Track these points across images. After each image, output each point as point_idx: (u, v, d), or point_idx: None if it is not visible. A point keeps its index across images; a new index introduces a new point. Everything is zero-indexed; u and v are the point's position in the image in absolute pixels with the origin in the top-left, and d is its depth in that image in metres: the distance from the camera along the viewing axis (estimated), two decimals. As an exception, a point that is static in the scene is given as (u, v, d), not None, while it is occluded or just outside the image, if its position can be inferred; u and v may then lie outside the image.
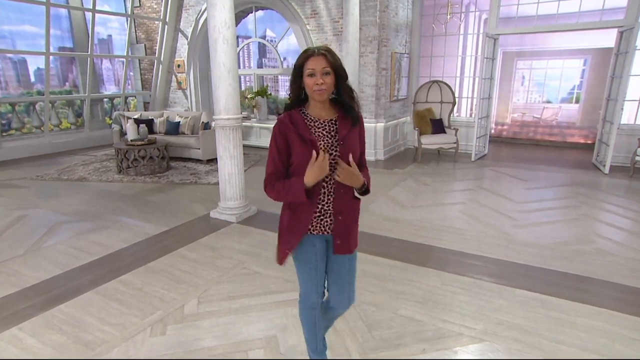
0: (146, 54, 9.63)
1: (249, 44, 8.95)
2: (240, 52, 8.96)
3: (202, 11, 8.52)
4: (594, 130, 8.70)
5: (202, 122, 7.28)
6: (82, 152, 8.07)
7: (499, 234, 3.93)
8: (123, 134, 7.26)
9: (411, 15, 7.73)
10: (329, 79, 1.56)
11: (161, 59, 9.31)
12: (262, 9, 8.27)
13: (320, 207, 1.67)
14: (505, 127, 11.33)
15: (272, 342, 2.33)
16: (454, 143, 6.94)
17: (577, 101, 13.01)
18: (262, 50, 10.26)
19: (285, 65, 8.56)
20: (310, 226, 1.69)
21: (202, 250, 3.59)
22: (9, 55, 8.81)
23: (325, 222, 1.70)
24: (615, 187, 5.49)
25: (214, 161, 6.83)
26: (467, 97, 9.66)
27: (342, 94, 1.63)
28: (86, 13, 8.80)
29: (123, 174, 6.23)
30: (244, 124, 8.02)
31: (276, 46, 8.32)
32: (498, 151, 8.17)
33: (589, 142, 8.71)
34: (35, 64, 9.28)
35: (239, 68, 8.67)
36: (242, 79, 9.27)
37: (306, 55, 1.56)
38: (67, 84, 10.06)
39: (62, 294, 2.86)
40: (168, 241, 3.78)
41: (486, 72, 7.01)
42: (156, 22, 9.25)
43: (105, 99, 9.52)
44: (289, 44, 8.47)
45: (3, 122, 7.81)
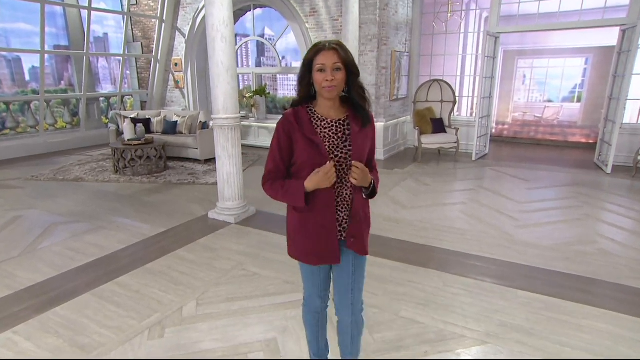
0: (143, 53, 9.57)
1: (247, 42, 8.89)
2: (239, 51, 8.90)
3: (199, 9, 8.46)
4: (596, 130, 8.69)
5: (200, 121, 7.24)
6: (78, 152, 8.00)
7: (501, 234, 3.90)
8: (120, 133, 7.20)
9: (411, 14, 7.69)
10: (340, 75, 1.47)
11: (158, 57, 9.25)
12: (261, 7, 8.21)
13: (335, 208, 1.60)
14: (506, 126, 11.29)
15: (272, 345, 2.30)
16: (455, 143, 6.91)
17: (578, 100, 12.94)
18: (261, 49, 10.21)
19: (283, 64, 8.52)
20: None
21: (200, 251, 3.56)
22: (3, 54, 8.72)
23: (338, 220, 1.62)
24: (618, 187, 5.47)
25: (211, 161, 6.80)
26: (468, 96, 9.62)
27: (352, 92, 1.54)
28: (82, 11, 8.71)
29: (120, 174, 6.18)
30: (242, 123, 7.96)
31: (275, 45, 8.27)
32: (499, 151, 8.14)
33: (591, 141, 8.68)
34: (30, 62, 9.22)
35: (237, 67, 8.61)
36: (240, 78, 9.21)
37: (316, 49, 1.48)
38: (62, 82, 9.98)
39: (58, 297, 2.82)
40: (166, 242, 3.74)
41: (487, 71, 6.99)
42: (153, 20, 9.17)
43: (102, 98, 9.45)
44: (288, 42, 8.42)
45: (-2, 121, 7.77)
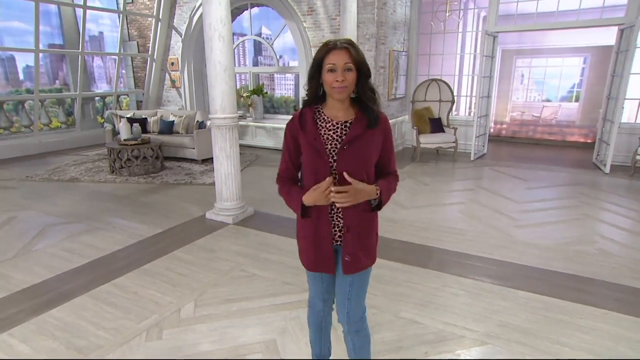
0: (139, 52, 9.50)
1: (244, 41, 8.85)
2: (236, 50, 8.86)
3: (196, 8, 8.41)
4: (594, 129, 8.69)
5: (197, 121, 7.19)
6: (73, 152, 7.93)
7: (500, 234, 3.90)
8: (116, 133, 7.14)
9: (409, 13, 7.68)
10: (351, 76, 1.42)
11: (154, 56, 9.18)
12: (258, 5, 8.17)
13: (330, 216, 1.56)
14: (504, 126, 11.28)
15: (271, 346, 2.29)
16: (453, 142, 6.91)
17: (576, 100, 12.95)
18: (258, 48, 10.15)
19: (281, 63, 8.48)
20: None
21: (198, 252, 3.53)
22: (-4, 53, 8.64)
23: (334, 231, 1.59)
24: (616, 187, 5.48)
25: (209, 161, 6.76)
26: (466, 96, 9.62)
27: (362, 93, 1.48)
28: (77, 9, 8.64)
29: (116, 175, 6.13)
30: (239, 123, 7.92)
31: (272, 44, 8.23)
32: (497, 150, 8.14)
33: (589, 141, 8.71)
34: (24, 61, 9.12)
35: (235, 66, 8.57)
36: (237, 77, 9.17)
37: (327, 48, 1.42)
38: (57, 82, 9.90)
39: (54, 298, 2.79)
40: (163, 243, 3.71)
41: (485, 70, 6.98)
42: (149, 19, 9.11)
43: (97, 98, 9.38)
44: (285, 41, 8.38)
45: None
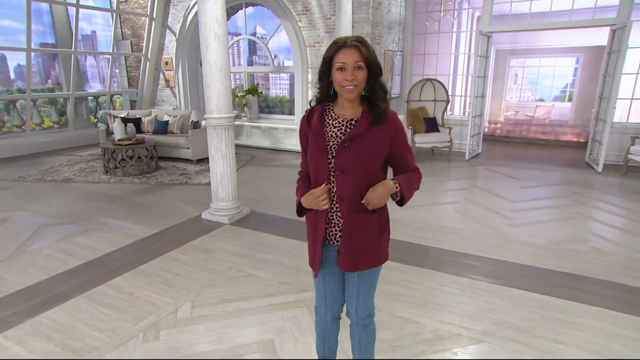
0: (132, 51, 9.43)
1: (238, 41, 8.82)
2: (230, 50, 8.80)
3: (190, 7, 8.37)
4: (587, 129, 8.77)
5: (192, 121, 7.16)
6: (67, 152, 7.85)
7: (495, 233, 3.93)
8: (109, 133, 7.08)
9: (404, 13, 7.70)
10: (362, 75, 1.38)
11: (148, 56, 9.12)
12: (252, 5, 8.15)
13: (328, 216, 1.55)
14: (498, 125, 11.34)
15: (269, 346, 2.28)
16: (448, 142, 6.95)
17: (569, 99, 13.06)
18: (253, 48, 10.12)
19: (276, 63, 8.47)
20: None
21: (194, 252, 3.51)
22: (-13, 52, 8.55)
23: (334, 231, 1.57)
24: (609, 186, 5.54)
25: (204, 161, 6.73)
26: (461, 95, 9.67)
27: (373, 92, 1.44)
28: (69, 8, 8.55)
29: (110, 175, 6.08)
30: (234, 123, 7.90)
31: (267, 43, 8.22)
32: (492, 150, 8.21)
33: (582, 140, 8.80)
34: (15, 60, 9.01)
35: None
36: (232, 77, 9.13)
37: (337, 46, 1.38)
38: (49, 81, 9.79)
39: (49, 300, 2.76)
40: (159, 244, 3.69)
41: (479, 70, 7.03)
42: (143, 18, 9.05)
43: (90, 97, 9.30)
44: (280, 41, 8.36)
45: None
